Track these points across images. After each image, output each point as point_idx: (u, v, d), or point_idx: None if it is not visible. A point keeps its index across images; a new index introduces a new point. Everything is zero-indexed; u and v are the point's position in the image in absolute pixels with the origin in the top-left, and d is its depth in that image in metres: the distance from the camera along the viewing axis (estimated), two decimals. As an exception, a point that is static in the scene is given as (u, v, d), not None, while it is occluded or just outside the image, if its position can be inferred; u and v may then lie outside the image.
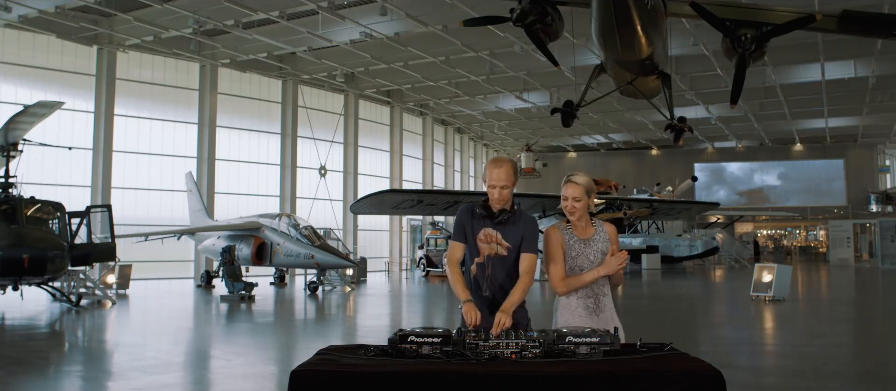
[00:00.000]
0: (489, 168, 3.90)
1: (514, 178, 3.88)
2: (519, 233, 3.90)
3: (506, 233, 3.89)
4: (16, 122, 14.83)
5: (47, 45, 23.87)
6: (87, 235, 16.97)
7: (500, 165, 3.87)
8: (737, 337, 11.23)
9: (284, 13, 21.35)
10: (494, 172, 3.85)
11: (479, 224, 3.92)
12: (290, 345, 10.95)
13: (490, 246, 3.89)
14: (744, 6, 10.95)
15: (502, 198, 3.87)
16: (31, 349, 10.17)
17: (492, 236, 3.89)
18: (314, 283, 20.58)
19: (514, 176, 3.88)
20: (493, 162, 3.92)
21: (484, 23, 13.28)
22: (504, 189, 3.85)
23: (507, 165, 3.88)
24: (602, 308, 3.89)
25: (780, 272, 15.88)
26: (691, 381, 2.93)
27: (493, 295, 3.83)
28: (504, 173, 3.85)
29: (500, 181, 3.84)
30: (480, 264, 3.90)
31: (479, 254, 3.90)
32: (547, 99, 31.62)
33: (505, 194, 3.86)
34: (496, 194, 3.86)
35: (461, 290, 3.79)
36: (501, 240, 3.88)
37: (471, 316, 3.62)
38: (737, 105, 12.34)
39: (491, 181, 3.86)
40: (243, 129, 30.01)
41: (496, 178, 3.84)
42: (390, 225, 37.21)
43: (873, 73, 27.38)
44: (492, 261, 3.88)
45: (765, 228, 50.77)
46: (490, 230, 3.90)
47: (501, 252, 3.88)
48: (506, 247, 3.88)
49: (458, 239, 3.95)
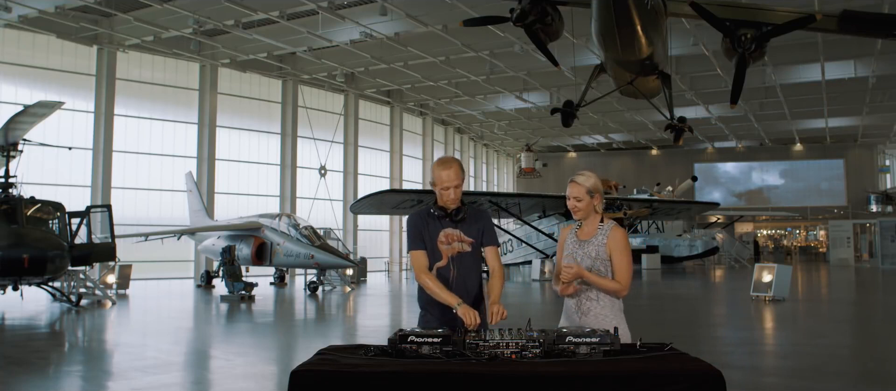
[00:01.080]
0: (436, 170, 3.88)
1: (462, 177, 3.90)
2: (479, 227, 3.94)
3: (466, 230, 3.92)
4: (16, 122, 14.83)
5: (47, 45, 23.88)
6: (87, 235, 16.96)
7: (448, 166, 3.87)
8: (737, 337, 11.23)
9: (284, 13, 21.36)
10: (443, 173, 3.85)
11: (436, 226, 3.90)
12: (290, 345, 10.94)
13: (451, 246, 3.89)
14: (744, 6, 10.95)
15: (456, 197, 3.88)
16: (31, 349, 10.17)
17: (453, 235, 3.90)
18: (314, 283, 20.58)
19: (462, 174, 3.90)
20: (440, 163, 3.90)
21: (484, 23, 13.28)
22: (456, 188, 3.86)
23: (455, 165, 3.89)
24: (585, 311, 3.85)
25: (779, 272, 15.87)
26: (691, 381, 2.93)
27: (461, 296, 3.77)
28: (453, 173, 3.85)
29: (451, 181, 3.84)
30: (442, 268, 3.88)
31: (440, 258, 3.88)
32: (547, 99, 31.62)
33: (457, 193, 3.88)
34: (451, 194, 3.85)
35: (448, 296, 3.74)
36: (463, 237, 3.91)
37: (469, 317, 3.60)
38: (737, 105, 12.33)
39: (442, 183, 3.85)
40: (243, 129, 30.02)
41: (446, 178, 3.84)
42: (390, 225, 37.22)
43: (873, 73, 27.38)
44: (457, 262, 3.88)
45: (765, 228, 50.77)
46: (451, 230, 3.90)
47: (465, 248, 3.90)
48: (469, 242, 3.92)
49: (419, 247, 3.91)
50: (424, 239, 3.90)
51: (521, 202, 27.97)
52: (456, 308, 3.68)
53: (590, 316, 3.84)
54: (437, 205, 3.93)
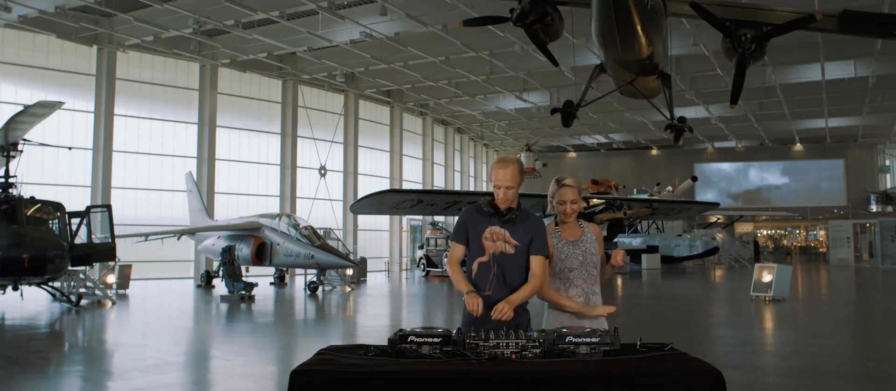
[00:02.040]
0: (495, 168, 3.92)
1: (519, 179, 3.91)
2: (528, 233, 3.91)
3: (513, 232, 3.90)
4: (16, 122, 14.83)
5: (47, 45, 23.87)
6: (87, 235, 16.97)
7: (506, 166, 3.90)
8: (737, 337, 11.23)
9: (284, 13, 21.35)
10: (500, 172, 3.89)
11: (485, 222, 3.93)
12: (290, 345, 10.95)
13: (495, 244, 3.88)
14: (744, 6, 10.94)
15: (507, 198, 3.90)
16: (31, 349, 10.17)
17: (499, 234, 3.89)
18: (314, 283, 20.58)
19: (519, 176, 3.91)
20: (500, 162, 3.94)
21: (484, 23, 13.27)
22: (509, 189, 3.88)
23: (513, 166, 3.91)
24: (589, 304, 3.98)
25: (779, 272, 15.87)
26: (691, 381, 2.93)
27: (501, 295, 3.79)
28: (509, 173, 3.88)
29: (505, 181, 3.87)
30: (483, 263, 3.88)
31: (483, 254, 3.89)
32: (547, 99, 31.61)
33: (509, 194, 3.90)
34: (501, 194, 3.89)
35: (463, 283, 3.82)
36: (509, 238, 3.89)
37: (473, 303, 3.64)
38: (737, 105, 12.32)
39: (497, 181, 3.90)
40: (243, 129, 30.01)
41: (502, 178, 3.88)
42: (390, 225, 37.21)
43: (873, 73, 27.37)
44: (498, 260, 3.87)
45: (765, 228, 50.77)
46: (497, 228, 3.90)
47: (508, 250, 3.88)
48: (514, 244, 3.88)
49: (459, 240, 3.97)
50: (467, 233, 3.94)
51: (521, 202, 27.94)
52: (465, 294, 3.73)
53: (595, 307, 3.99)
54: (491, 202, 3.95)
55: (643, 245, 35.03)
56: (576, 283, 3.97)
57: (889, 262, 33.21)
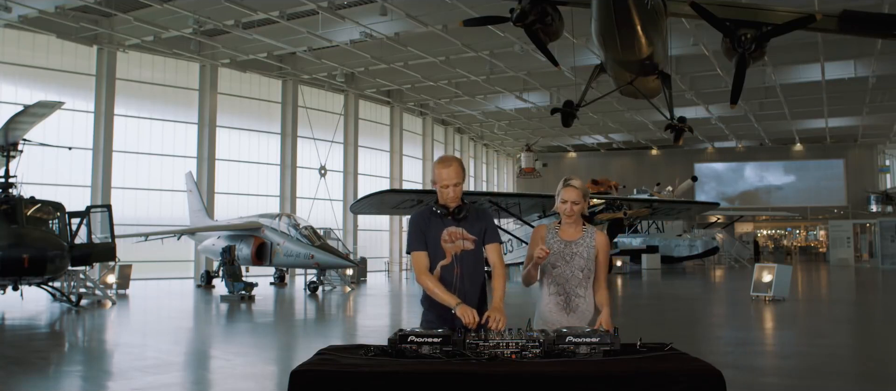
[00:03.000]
0: (438, 168, 3.93)
1: (462, 176, 3.94)
2: (481, 225, 3.98)
3: (469, 228, 3.95)
4: (16, 122, 14.83)
5: (47, 45, 23.87)
6: (87, 235, 16.96)
7: (448, 164, 3.92)
8: (737, 337, 11.23)
9: (284, 13, 21.35)
10: (444, 172, 3.89)
11: (439, 224, 3.94)
12: (290, 345, 10.94)
13: (455, 244, 3.91)
14: (744, 6, 10.94)
15: (456, 195, 3.92)
16: (31, 349, 10.17)
17: (457, 233, 3.92)
18: (314, 283, 20.58)
19: (462, 173, 3.94)
20: (441, 161, 3.96)
21: (484, 23, 13.27)
22: (456, 186, 3.90)
23: (455, 164, 3.94)
24: (573, 307, 3.98)
25: (779, 272, 15.87)
26: (691, 381, 2.93)
27: (468, 293, 3.86)
28: (453, 172, 3.90)
29: (451, 180, 3.88)
30: (446, 266, 3.90)
31: (443, 256, 3.91)
32: (547, 99, 31.62)
33: (457, 191, 3.92)
34: (450, 193, 3.90)
35: (448, 297, 3.76)
36: (467, 234, 3.94)
37: (468, 316, 3.61)
38: (737, 105, 12.32)
39: (442, 181, 3.89)
40: (243, 129, 30.02)
41: (447, 176, 3.88)
42: (390, 225, 37.22)
43: (873, 73, 27.37)
44: (461, 260, 3.91)
45: (765, 228, 50.76)
46: (454, 228, 3.93)
47: (469, 246, 3.93)
48: (472, 239, 3.94)
49: (420, 247, 3.93)
50: (426, 239, 3.93)
51: (521, 202, 27.94)
52: (455, 308, 3.69)
53: (578, 312, 3.99)
54: (439, 203, 3.96)
55: (643, 245, 35.02)
56: (557, 281, 4.01)
57: (889, 262, 33.20)
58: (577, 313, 3.97)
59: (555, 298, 4.00)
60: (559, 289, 4.00)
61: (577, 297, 4.00)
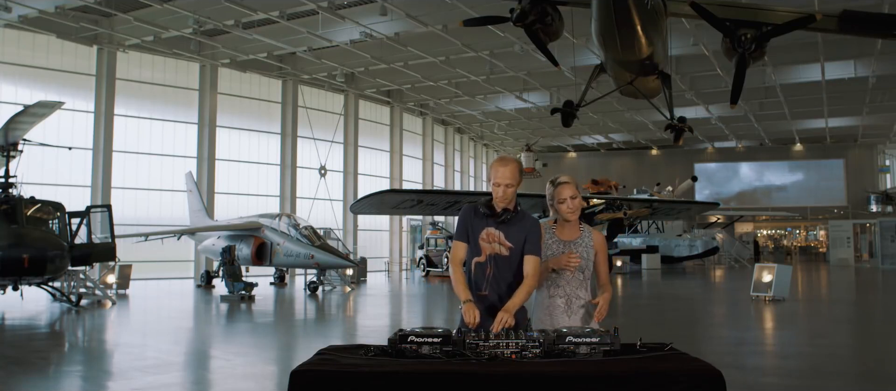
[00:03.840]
0: (495, 166, 3.92)
1: (519, 177, 3.90)
2: (522, 234, 3.90)
3: (508, 234, 3.90)
4: (16, 122, 14.83)
5: (47, 45, 23.87)
6: (87, 235, 16.96)
7: (506, 164, 3.90)
8: (737, 337, 11.23)
9: (284, 13, 21.35)
10: (500, 170, 3.87)
11: (481, 223, 3.93)
12: (290, 345, 10.95)
13: (491, 246, 3.90)
14: (744, 6, 10.94)
15: (506, 196, 3.89)
16: (31, 349, 10.17)
17: (494, 236, 3.90)
18: (314, 283, 20.58)
19: (519, 175, 3.90)
20: (500, 160, 3.94)
21: (484, 23, 13.27)
22: (509, 187, 3.87)
23: (512, 164, 3.90)
24: (574, 309, 3.95)
25: (780, 272, 15.87)
26: (691, 381, 2.93)
27: (496, 295, 3.84)
28: (509, 172, 3.86)
29: (505, 179, 3.86)
30: (480, 263, 3.91)
31: (480, 254, 3.91)
32: (547, 99, 31.61)
33: (509, 192, 3.88)
34: (501, 192, 3.88)
35: (462, 290, 3.81)
36: (503, 240, 3.89)
37: (470, 315, 3.62)
38: (737, 105, 12.33)
39: (496, 179, 3.88)
40: (243, 129, 30.01)
41: (502, 176, 3.86)
42: (390, 225, 37.21)
43: (873, 73, 27.36)
44: (493, 261, 3.89)
45: (765, 228, 50.75)
46: (492, 229, 3.91)
47: (503, 252, 3.89)
48: (508, 246, 3.88)
49: (461, 238, 3.98)
50: (468, 232, 3.95)
51: (521, 202, 27.91)
52: (462, 303, 3.72)
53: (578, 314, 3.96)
54: (488, 203, 3.94)
55: (643, 245, 35.02)
56: (557, 283, 3.97)
57: (889, 262, 33.20)
58: (578, 315, 3.95)
59: (555, 300, 3.98)
60: (560, 290, 3.98)
61: (578, 299, 3.98)
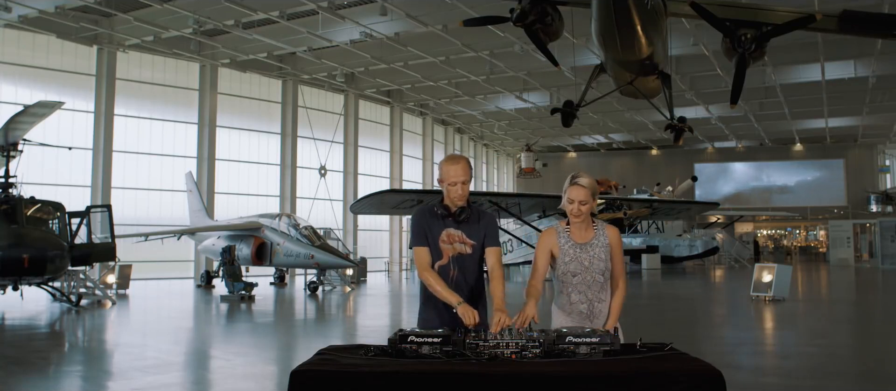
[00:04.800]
0: (445, 165, 3.84)
1: (470, 173, 3.85)
2: (481, 230, 3.88)
3: (469, 232, 3.87)
4: (16, 122, 14.83)
5: (47, 45, 23.87)
6: (87, 235, 16.96)
7: (457, 161, 3.84)
8: (737, 337, 11.23)
9: (284, 13, 21.35)
10: (452, 169, 3.81)
11: (439, 225, 3.87)
12: (290, 345, 10.94)
13: (453, 246, 3.85)
14: (744, 6, 10.95)
15: (464, 194, 3.84)
16: (31, 349, 10.17)
17: (455, 236, 3.85)
18: (314, 283, 20.58)
19: (470, 171, 3.85)
20: (449, 159, 3.88)
21: (484, 23, 13.28)
22: (463, 184, 3.82)
23: (463, 161, 3.86)
24: (596, 313, 3.85)
25: (780, 272, 15.86)
26: (691, 381, 2.93)
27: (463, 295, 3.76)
28: (461, 169, 3.81)
29: (458, 177, 3.80)
30: (443, 267, 3.85)
31: (440, 257, 3.86)
32: (547, 99, 31.61)
33: (465, 189, 3.84)
34: (459, 190, 3.81)
35: (449, 294, 3.72)
36: (466, 238, 3.86)
37: (469, 316, 3.59)
38: (737, 105, 12.33)
39: (450, 178, 3.81)
40: (243, 129, 30.02)
41: (454, 174, 3.80)
42: (390, 225, 37.21)
43: (873, 73, 27.37)
44: (457, 263, 3.85)
45: (765, 228, 50.75)
46: (452, 230, 3.86)
47: (466, 251, 3.86)
48: (470, 244, 3.86)
49: (422, 243, 3.87)
50: (427, 236, 3.87)
51: (521, 202, 27.97)
52: (456, 307, 3.66)
53: (600, 318, 3.86)
54: (442, 203, 3.89)
55: (643, 245, 35.00)
56: (578, 289, 3.85)
57: (889, 262, 33.19)
58: (600, 319, 3.84)
59: (577, 307, 3.85)
60: (581, 297, 3.85)
61: (600, 303, 3.87)
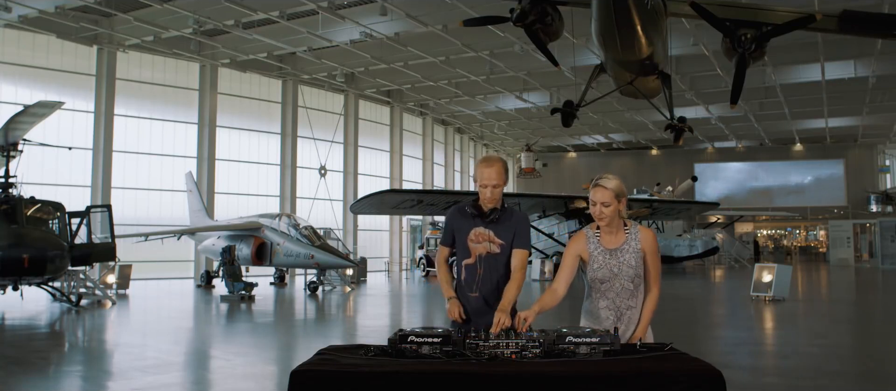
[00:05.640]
0: (480, 167, 3.90)
1: (505, 177, 3.90)
2: (511, 230, 3.92)
3: (498, 232, 3.91)
4: (16, 122, 14.83)
5: (47, 45, 23.86)
6: (87, 235, 16.96)
7: (491, 164, 3.89)
8: (737, 337, 11.23)
9: (284, 13, 21.34)
10: (486, 171, 3.87)
11: (469, 224, 3.93)
12: (290, 345, 10.94)
13: (481, 245, 3.90)
14: (744, 6, 10.95)
15: (494, 197, 3.89)
16: (31, 349, 10.17)
17: (484, 235, 3.90)
18: (314, 283, 20.58)
19: (504, 174, 3.90)
20: (484, 161, 3.93)
21: (484, 23, 13.28)
22: (495, 188, 3.87)
23: (497, 164, 3.90)
24: (625, 320, 3.76)
25: (780, 272, 15.87)
26: (691, 381, 2.93)
27: (486, 295, 3.86)
28: (495, 172, 3.86)
29: (491, 180, 3.86)
30: (470, 266, 3.91)
31: (469, 255, 3.91)
32: (547, 99, 31.61)
33: (496, 193, 3.89)
34: (488, 193, 3.87)
35: (446, 288, 3.90)
36: (494, 237, 3.90)
37: (454, 312, 3.72)
38: (737, 105, 12.33)
39: (482, 180, 3.88)
40: (243, 129, 30.01)
41: (487, 176, 3.86)
42: (390, 225, 37.20)
43: (873, 73, 27.36)
44: (484, 262, 3.89)
45: (765, 228, 50.75)
46: (481, 229, 3.91)
47: (494, 250, 3.89)
48: (499, 244, 3.90)
49: (445, 242, 4.05)
50: (454, 235, 3.98)
51: (521, 202, 27.94)
52: (447, 300, 3.81)
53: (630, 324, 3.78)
54: (475, 203, 3.94)
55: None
56: (606, 296, 3.76)
57: (889, 262, 33.19)
58: (629, 326, 3.75)
59: (605, 313, 3.77)
60: (609, 303, 3.76)
61: (629, 309, 3.76)
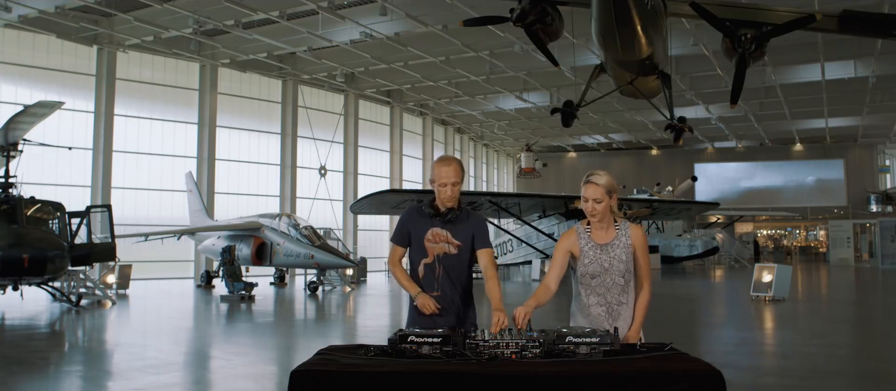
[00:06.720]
0: (437, 166, 3.93)
1: (461, 175, 3.92)
2: (468, 230, 3.94)
3: (455, 232, 3.93)
4: (16, 122, 14.82)
5: (47, 45, 23.86)
6: (87, 235, 16.96)
7: (448, 163, 3.92)
8: (737, 337, 11.23)
9: (284, 13, 21.34)
10: (443, 169, 3.89)
11: (426, 224, 3.95)
12: (290, 345, 10.95)
13: (438, 245, 3.92)
14: (744, 6, 10.95)
15: (453, 195, 3.90)
16: (31, 349, 10.17)
17: (441, 236, 3.92)
18: (314, 283, 20.58)
19: (461, 173, 3.92)
20: (441, 160, 3.96)
21: (484, 23, 13.28)
22: (454, 186, 3.88)
23: (454, 163, 3.93)
24: (616, 316, 3.77)
25: (780, 272, 15.87)
26: (691, 381, 2.93)
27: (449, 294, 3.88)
28: (452, 170, 3.89)
29: (449, 178, 3.87)
30: (429, 265, 3.93)
31: (426, 255, 3.93)
32: (547, 99, 31.61)
33: (455, 191, 3.90)
34: (448, 191, 3.88)
35: (409, 285, 3.90)
36: (451, 238, 3.92)
37: (429, 305, 3.75)
38: (737, 105, 12.34)
39: (440, 179, 3.89)
40: (243, 129, 30.01)
41: (445, 175, 3.88)
42: (390, 225, 37.17)
43: (873, 73, 27.36)
44: (442, 262, 3.91)
45: (765, 228, 50.74)
46: (438, 229, 3.92)
47: (451, 251, 3.92)
48: (456, 244, 3.92)
49: (399, 242, 4.04)
50: (409, 234, 3.98)
51: (521, 202, 27.93)
52: (415, 297, 3.81)
53: (620, 320, 3.79)
54: (432, 203, 3.96)
55: (643, 245, 34.92)
56: (597, 292, 3.78)
57: (889, 262, 33.20)
58: (621, 321, 3.76)
59: (596, 309, 3.78)
60: (600, 299, 3.77)
61: (620, 305, 3.78)
